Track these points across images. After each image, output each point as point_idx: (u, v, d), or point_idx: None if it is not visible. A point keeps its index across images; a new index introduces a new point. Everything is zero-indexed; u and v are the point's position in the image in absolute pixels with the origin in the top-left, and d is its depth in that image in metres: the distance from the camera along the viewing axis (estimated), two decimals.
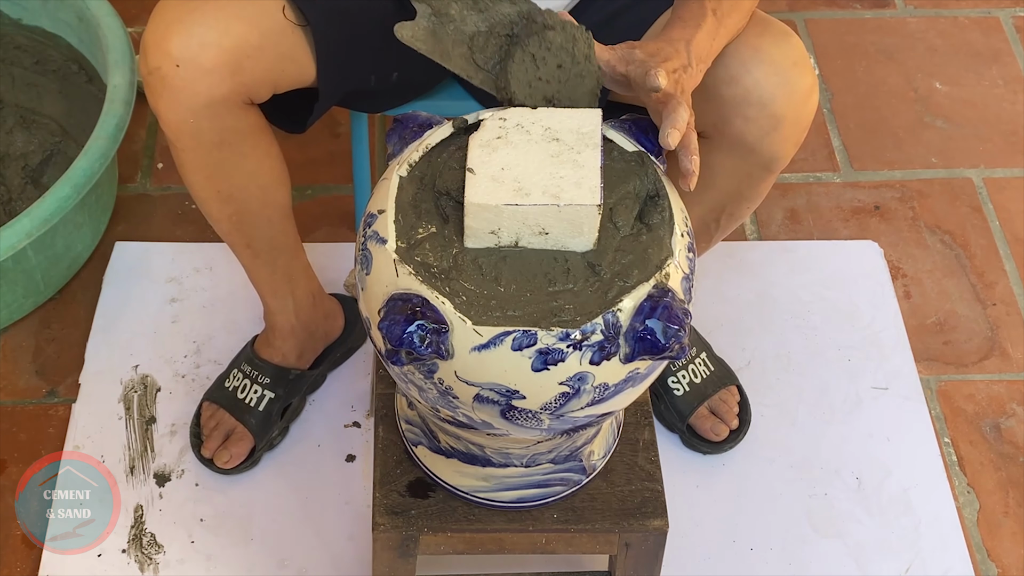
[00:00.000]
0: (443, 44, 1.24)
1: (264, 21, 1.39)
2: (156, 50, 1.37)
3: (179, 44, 1.35)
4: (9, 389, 1.85)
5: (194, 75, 1.36)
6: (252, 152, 1.49)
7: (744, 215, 1.57)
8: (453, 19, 1.24)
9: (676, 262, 1.16)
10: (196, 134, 1.43)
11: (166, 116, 1.41)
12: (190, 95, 1.38)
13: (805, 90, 1.38)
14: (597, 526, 1.40)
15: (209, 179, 1.50)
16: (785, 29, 1.39)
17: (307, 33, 1.42)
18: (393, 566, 1.44)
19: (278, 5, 1.40)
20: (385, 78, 1.54)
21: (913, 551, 1.73)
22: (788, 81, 1.36)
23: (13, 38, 2.12)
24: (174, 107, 1.40)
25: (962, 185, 2.18)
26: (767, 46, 1.35)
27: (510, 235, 1.15)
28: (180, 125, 1.42)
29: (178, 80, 1.37)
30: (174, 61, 1.36)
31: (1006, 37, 2.42)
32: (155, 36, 1.37)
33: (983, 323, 2.00)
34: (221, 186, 1.51)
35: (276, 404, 1.76)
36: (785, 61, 1.36)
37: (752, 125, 1.38)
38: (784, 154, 1.43)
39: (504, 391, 1.14)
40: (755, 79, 1.35)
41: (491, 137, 1.18)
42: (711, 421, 1.79)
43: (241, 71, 1.38)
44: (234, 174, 1.50)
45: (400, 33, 1.23)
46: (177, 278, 1.97)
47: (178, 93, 1.38)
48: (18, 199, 2.00)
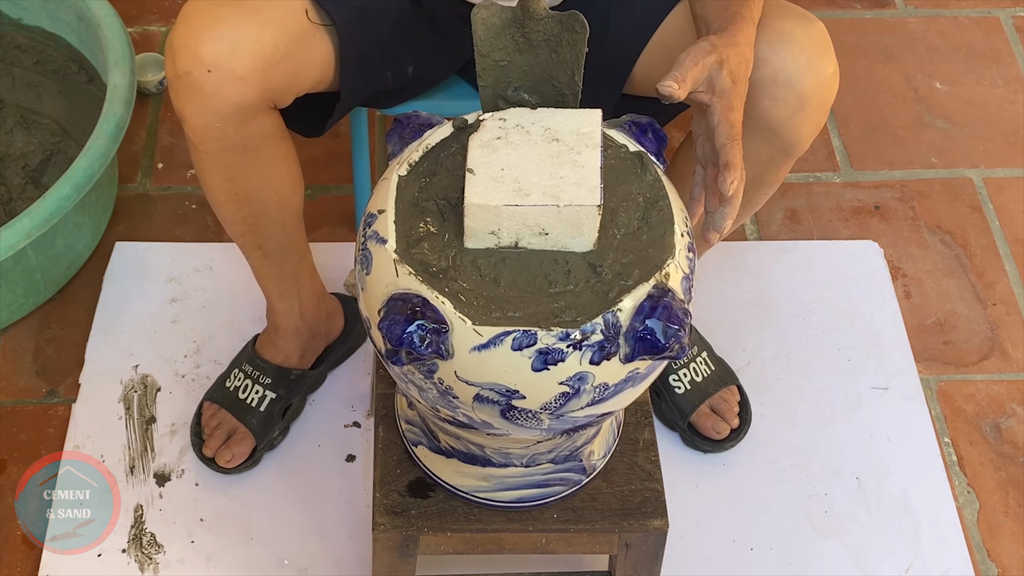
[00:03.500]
0: None
1: (291, 25, 1.38)
2: (186, 54, 1.35)
3: (211, 49, 1.34)
4: (9, 389, 1.85)
5: (225, 80, 1.35)
6: (273, 156, 1.49)
7: (761, 202, 1.58)
8: None
9: (676, 262, 1.16)
10: (220, 138, 1.42)
11: (192, 120, 1.40)
12: (219, 100, 1.37)
13: (830, 73, 1.39)
14: (597, 526, 1.40)
15: (228, 182, 1.50)
16: (806, 13, 1.40)
17: (329, 34, 1.42)
18: (393, 566, 1.44)
19: (301, 7, 1.39)
20: (401, 74, 1.55)
21: (913, 551, 1.73)
22: (814, 62, 1.37)
23: (13, 38, 2.12)
24: (201, 112, 1.38)
25: (962, 185, 2.18)
26: (792, 28, 1.36)
27: (510, 235, 1.15)
28: (206, 129, 1.41)
29: (209, 85, 1.35)
30: (206, 66, 1.34)
31: (1006, 37, 2.42)
32: (185, 40, 1.36)
33: (983, 323, 2.00)
34: (239, 188, 1.51)
35: (277, 404, 1.76)
36: (810, 42, 1.37)
37: (780, 105, 1.38)
38: (805, 137, 1.43)
39: (504, 391, 1.14)
40: (783, 59, 1.35)
41: (491, 137, 1.19)
42: (712, 419, 1.79)
43: (270, 77, 1.37)
44: (253, 177, 1.50)
45: None
46: (177, 278, 1.97)
47: (208, 98, 1.37)
48: (18, 199, 2.00)
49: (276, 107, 1.44)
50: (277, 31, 1.36)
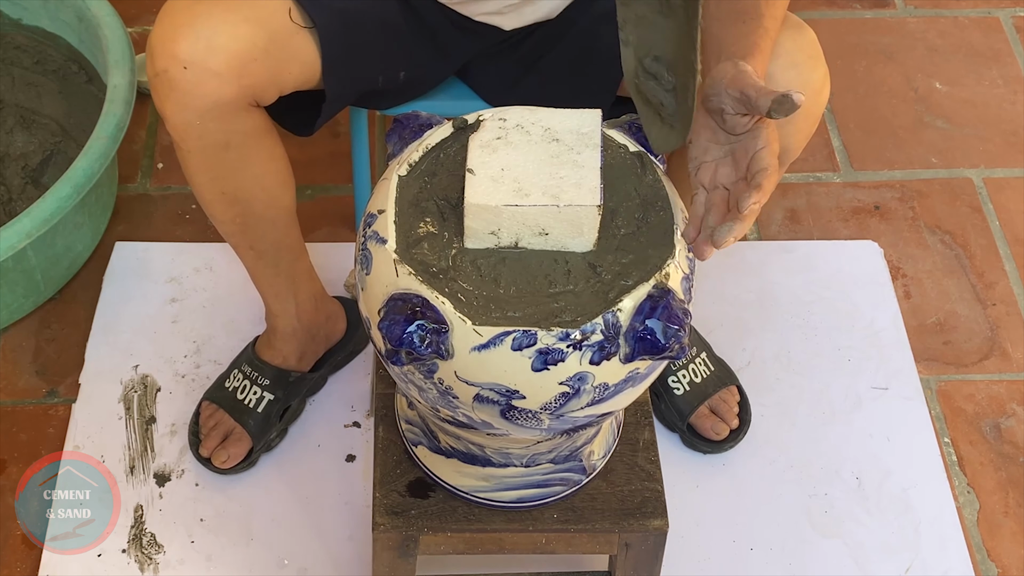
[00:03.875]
0: None
1: (271, 23, 1.38)
2: (163, 52, 1.36)
3: (187, 47, 1.35)
4: (9, 389, 1.85)
5: (201, 77, 1.36)
6: (257, 154, 1.49)
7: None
8: None
9: (676, 262, 1.16)
10: (202, 136, 1.42)
11: (172, 118, 1.41)
12: (197, 97, 1.37)
13: (818, 82, 1.39)
14: (597, 526, 1.40)
15: (214, 180, 1.50)
16: (799, 22, 1.39)
17: (313, 35, 1.42)
18: (393, 566, 1.44)
19: (284, 6, 1.39)
20: (393, 78, 1.55)
21: (913, 551, 1.73)
22: (803, 74, 1.36)
23: (13, 38, 2.12)
24: (180, 109, 1.39)
25: (962, 185, 2.18)
26: (782, 39, 1.35)
27: (510, 236, 1.15)
28: (186, 127, 1.41)
29: (185, 83, 1.36)
30: (181, 63, 1.35)
31: (1006, 37, 2.42)
32: (162, 38, 1.37)
33: (983, 323, 2.00)
34: (226, 188, 1.51)
35: (275, 406, 1.76)
36: (801, 55, 1.37)
37: None
38: (796, 146, 1.43)
39: (504, 391, 1.14)
40: (770, 72, 1.34)
41: (491, 137, 1.18)
42: (712, 420, 1.79)
43: (248, 74, 1.37)
44: (239, 176, 1.50)
45: None
46: (177, 278, 1.97)
47: (185, 96, 1.37)
48: (18, 199, 2.00)
49: (259, 104, 1.44)
50: (254, 28, 1.36)
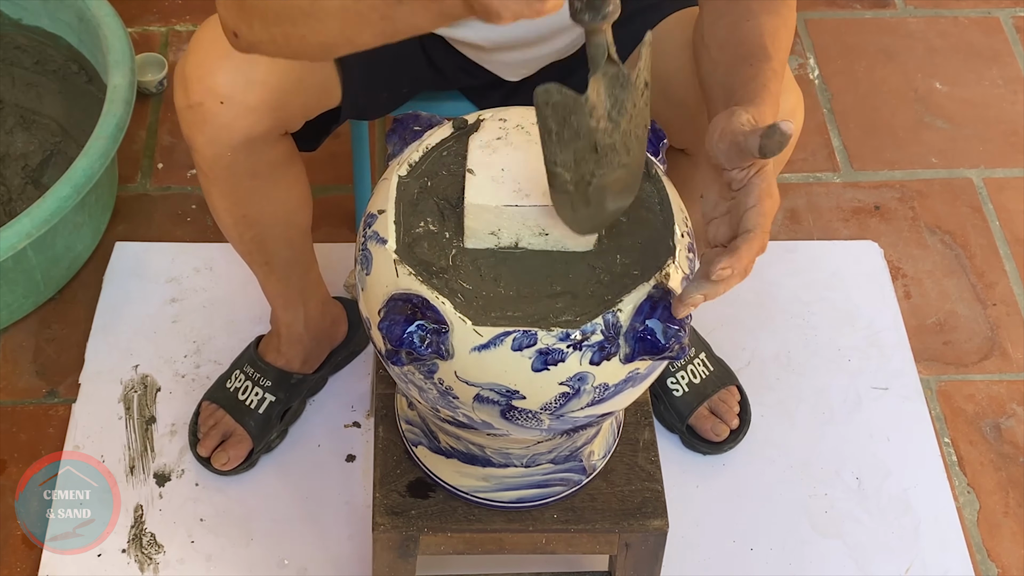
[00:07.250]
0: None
1: None
2: (199, 85, 1.33)
3: (225, 81, 1.32)
4: (9, 389, 1.85)
5: (238, 112, 1.34)
6: (282, 180, 1.49)
7: None
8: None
9: (676, 262, 1.16)
10: (231, 167, 1.41)
11: (202, 150, 1.39)
12: (231, 132, 1.35)
13: (789, 109, 1.37)
14: (597, 526, 1.40)
15: (236, 205, 1.49)
16: None
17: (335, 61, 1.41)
18: (393, 566, 1.44)
19: None
20: (396, 94, 1.55)
21: (913, 551, 1.73)
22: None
23: (13, 38, 2.12)
24: (213, 143, 1.37)
25: (962, 185, 2.18)
26: None
27: (510, 236, 1.15)
28: (216, 159, 1.40)
29: (221, 117, 1.34)
30: (218, 98, 1.33)
31: (1006, 37, 2.42)
32: (199, 70, 1.34)
33: (983, 323, 2.00)
34: (247, 211, 1.50)
35: (276, 407, 1.76)
36: None
37: None
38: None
39: (504, 391, 1.14)
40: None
41: (491, 138, 1.19)
42: (711, 421, 1.79)
43: (282, 106, 1.36)
44: (262, 201, 1.49)
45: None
46: (177, 278, 1.97)
47: (220, 130, 1.35)
48: (18, 199, 2.00)
49: (287, 133, 1.44)
50: (289, 62, 1.33)
